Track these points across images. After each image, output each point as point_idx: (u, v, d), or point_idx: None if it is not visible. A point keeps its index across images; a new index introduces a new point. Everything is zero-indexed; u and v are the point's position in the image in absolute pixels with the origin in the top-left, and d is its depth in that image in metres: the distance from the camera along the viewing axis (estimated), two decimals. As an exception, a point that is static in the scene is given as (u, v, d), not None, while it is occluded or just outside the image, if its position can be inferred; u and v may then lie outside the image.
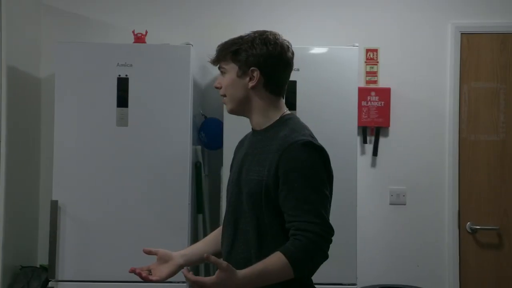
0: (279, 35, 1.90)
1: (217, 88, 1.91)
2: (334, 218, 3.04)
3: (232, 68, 1.85)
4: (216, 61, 1.89)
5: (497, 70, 3.64)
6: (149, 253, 1.95)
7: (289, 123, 1.85)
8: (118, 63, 3.09)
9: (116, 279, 3.00)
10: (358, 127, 3.32)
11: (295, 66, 3.09)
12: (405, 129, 3.64)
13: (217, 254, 2.00)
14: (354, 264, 3.08)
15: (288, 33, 3.60)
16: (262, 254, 1.72)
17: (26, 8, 3.55)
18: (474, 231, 3.62)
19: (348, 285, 3.07)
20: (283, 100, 1.93)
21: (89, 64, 3.12)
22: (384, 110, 3.60)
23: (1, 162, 3.16)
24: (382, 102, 3.60)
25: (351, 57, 3.16)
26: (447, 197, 3.63)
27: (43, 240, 3.49)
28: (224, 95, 1.89)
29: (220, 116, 3.34)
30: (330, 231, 1.72)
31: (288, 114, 1.90)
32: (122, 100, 3.08)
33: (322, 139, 3.08)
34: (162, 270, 1.90)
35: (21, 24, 3.45)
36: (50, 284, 3.06)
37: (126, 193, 3.07)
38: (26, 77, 3.50)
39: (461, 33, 3.63)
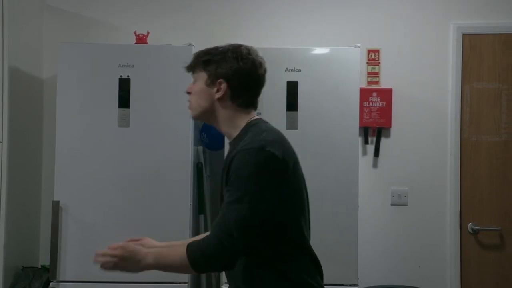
0: (254, 50, 1.89)
1: (188, 93, 1.95)
2: (336, 218, 3.08)
3: (202, 77, 1.88)
4: (189, 68, 1.92)
5: (499, 71, 3.64)
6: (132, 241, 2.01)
7: (251, 130, 1.83)
8: (119, 64, 3.09)
9: (117, 279, 2.98)
10: (360, 127, 3.32)
11: (296, 66, 3.16)
12: (407, 129, 3.64)
13: None
14: (355, 264, 3.08)
15: (289, 34, 3.67)
16: (246, 269, 1.80)
17: (29, 9, 3.55)
18: (475, 232, 3.62)
19: (350, 285, 3.07)
20: (254, 111, 1.92)
21: (91, 65, 3.13)
22: (386, 111, 3.60)
23: (3, 162, 3.16)
24: (384, 103, 3.60)
25: (353, 58, 3.15)
26: (449, 197, 3.62)
27: (44, 241, 3.49)
28: (189, 101, 1.93)
29: (221, 117, 3.34)
30: (234, 242, 1.69)
31: (253, 120, 1.88)
32: (124, 101, 3.09)
33: (323, 140, 3.12)
34: None
35: (24, 25, 3.45)
36: (51, 284, 3.07)
37: (127, 194, 3.08)
38: (28, 78, 3.51)
39: (463, 34, 3.62)
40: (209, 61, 1.86)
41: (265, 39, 3.60)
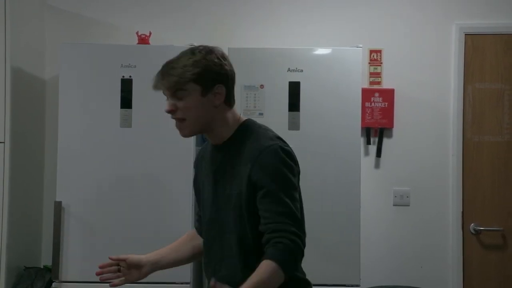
0: (214, 48, 1.86)
1: (170, 112, 1.86)
2: (338, 218, 3.08)
3: (194, 90, 1.81)
4: (174, 86, 1.81)
5: (502, 71, 3.63)
6: (117, 260, 2.02)
7: (250, 129, 1.86)
8: (122, 64, 3.09)
9: (119, 280, 2.99)
10: (362, 128, 3.32)
11: (299, 67, 3.16)
12: (409, 130, 3.64)
13: (189, 260, 2.09)
14: (357, 265, 3.08)
15: (291, 34, 3.67)
16: (247, 268, 1.75)
17: (31, 9, 3.56)
18: (478, 232, 3.62)
19: (352, 286, 3.06)
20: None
21: (93, 65, 3.13)
22: (388, 111, 3.60)
23: (5, 163, 3.16)
24: (386, 103, 3.60)
25: (355, 58, 3.15)
26: (451, 198, 3.62)
27: (46, 241, 3.50)
28: (183, 119, 1.85)
29: (223, 117, 3.34)
30: (303, 230, 1.77)
31: (245, 120, 1.90)
32: (126, 101, 3.09)
33: (325, 140, 3.12)
34: (133, 276, 2.00)
35: (26, 25, 3.46)
36: (54, 285, 3.07)
37: (129, 194, 3.08)
38: (30, 78, 3.51)
39: (465, 34, 3.62)
40: (199, 74, 1.79)
41: (265, 39, 3.61)
